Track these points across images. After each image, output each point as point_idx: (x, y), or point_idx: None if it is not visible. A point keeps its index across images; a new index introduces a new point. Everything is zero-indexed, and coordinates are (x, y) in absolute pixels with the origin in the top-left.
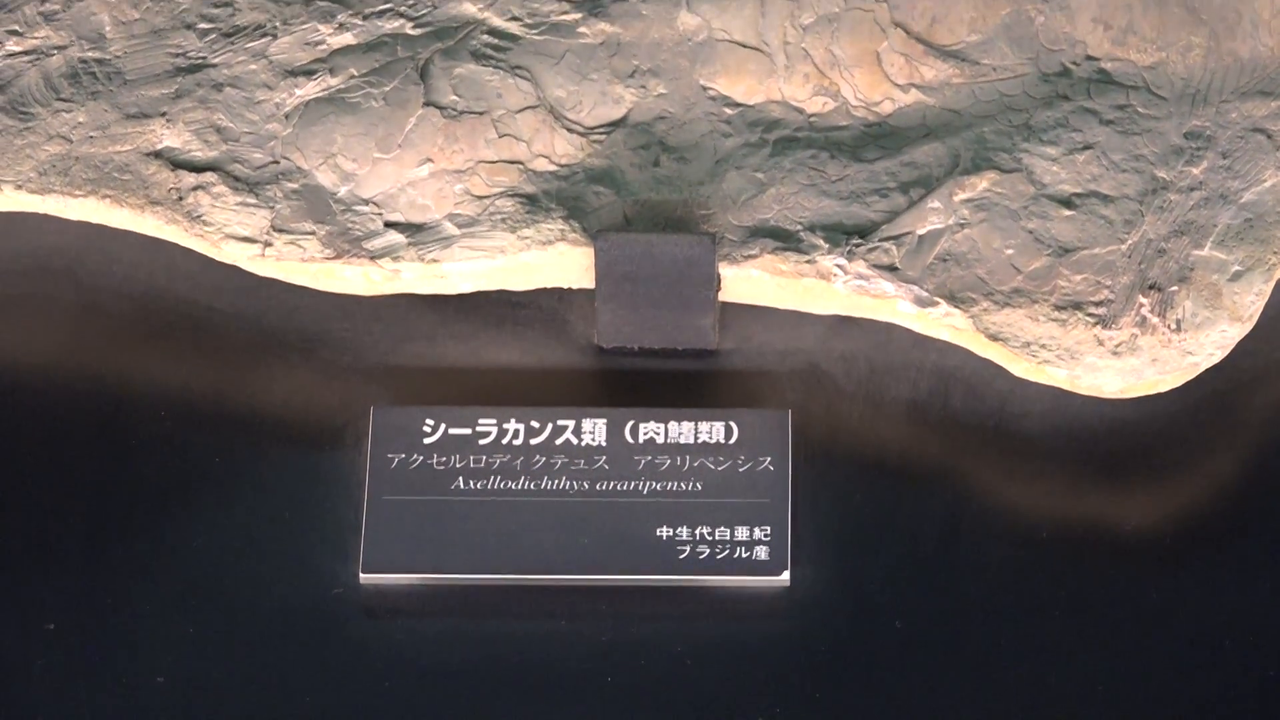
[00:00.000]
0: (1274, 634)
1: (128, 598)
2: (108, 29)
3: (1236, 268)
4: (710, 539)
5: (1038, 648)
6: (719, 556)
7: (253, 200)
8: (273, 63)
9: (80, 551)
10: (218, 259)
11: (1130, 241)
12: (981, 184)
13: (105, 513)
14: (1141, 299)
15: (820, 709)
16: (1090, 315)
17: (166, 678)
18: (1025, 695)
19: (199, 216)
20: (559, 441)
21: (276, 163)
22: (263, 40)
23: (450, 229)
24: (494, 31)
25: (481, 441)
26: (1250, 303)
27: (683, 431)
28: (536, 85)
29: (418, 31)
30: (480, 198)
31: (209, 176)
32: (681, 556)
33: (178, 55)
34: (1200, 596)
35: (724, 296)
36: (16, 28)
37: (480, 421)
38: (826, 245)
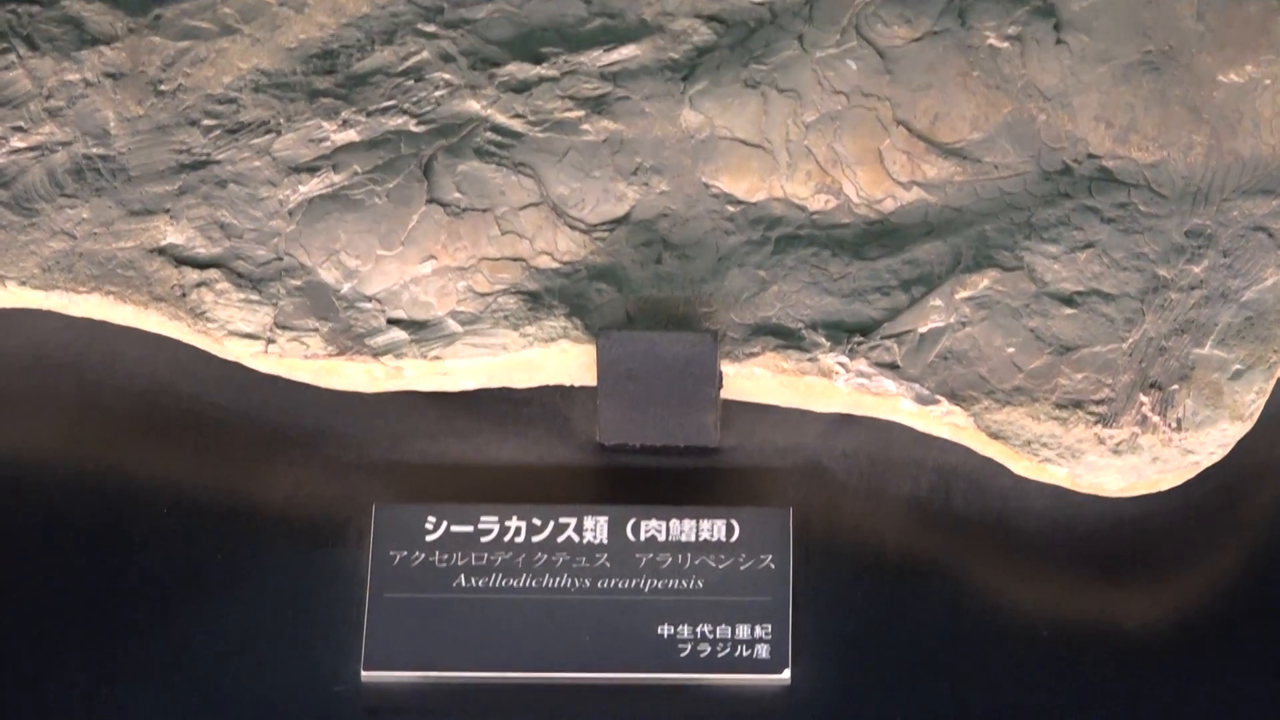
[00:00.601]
0: None
1: (129, 695)
2: (112, 125)
3: (1237, 366)
4: (711, 637)
5: None
6: (720, 655)
7: (256, 297)
8: (276, 159)
9: (81, 648)
10: (220, 355)
11: (1131, 340)
12: (983, 282)
13: (106, 609)
14: (1142, 397)
15: None
16: (1091, 414)
17: None
18: None
19: (202, 313)
20: (561, 539)
21: (280, 259)
22: (267, 137)
23: (453, 326)
24: (497, 129)
25: (483, 539)
26: (1251, 401)
27: (684, 529)
28: (539, 182)
29: (421, 129)
30: (483, 295)
31: (212, 273)
32: (682, 655)
33: (182, 151)
34: (1201, 696)
35: (726, 394)
36: (21, 124)
37: (482, 519)
38: (828, 343)
